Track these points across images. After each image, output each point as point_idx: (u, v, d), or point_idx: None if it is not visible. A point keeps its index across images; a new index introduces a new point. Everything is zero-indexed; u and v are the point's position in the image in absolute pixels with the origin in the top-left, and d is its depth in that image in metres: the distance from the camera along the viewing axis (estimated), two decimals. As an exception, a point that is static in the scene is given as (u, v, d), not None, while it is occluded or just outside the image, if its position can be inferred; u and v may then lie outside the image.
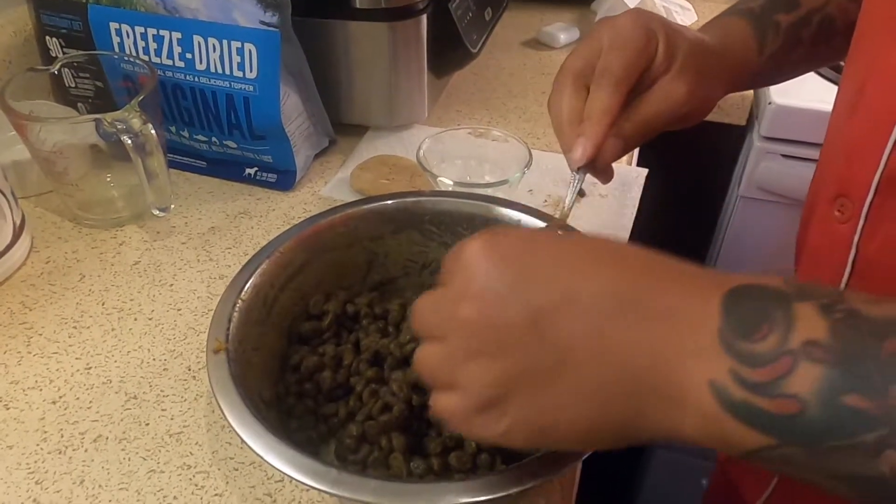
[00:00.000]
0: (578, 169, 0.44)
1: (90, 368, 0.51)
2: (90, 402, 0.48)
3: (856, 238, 0.38)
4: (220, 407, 0.37)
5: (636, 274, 0.27)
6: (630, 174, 0.70)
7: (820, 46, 0.50)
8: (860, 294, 0.25)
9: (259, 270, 0.45)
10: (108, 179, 0.66)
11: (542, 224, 0.49)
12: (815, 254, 0.43)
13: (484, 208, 0.50)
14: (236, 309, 0.43)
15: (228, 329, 0.41)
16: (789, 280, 0.26)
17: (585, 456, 0.34)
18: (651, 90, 0.43)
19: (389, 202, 0.51)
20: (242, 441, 0.35)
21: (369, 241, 0.51)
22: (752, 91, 0.91)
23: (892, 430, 0.22)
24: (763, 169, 0.92)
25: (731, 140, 0.96)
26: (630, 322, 0.26)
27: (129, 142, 0.55)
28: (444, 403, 0.30)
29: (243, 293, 0.44)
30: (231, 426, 0.36)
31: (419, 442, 0.41)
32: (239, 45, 0.62)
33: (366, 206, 0.50)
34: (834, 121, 0.44)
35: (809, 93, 0.85)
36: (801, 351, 0.24)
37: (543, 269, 0.27)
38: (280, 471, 0.34)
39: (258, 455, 0.35)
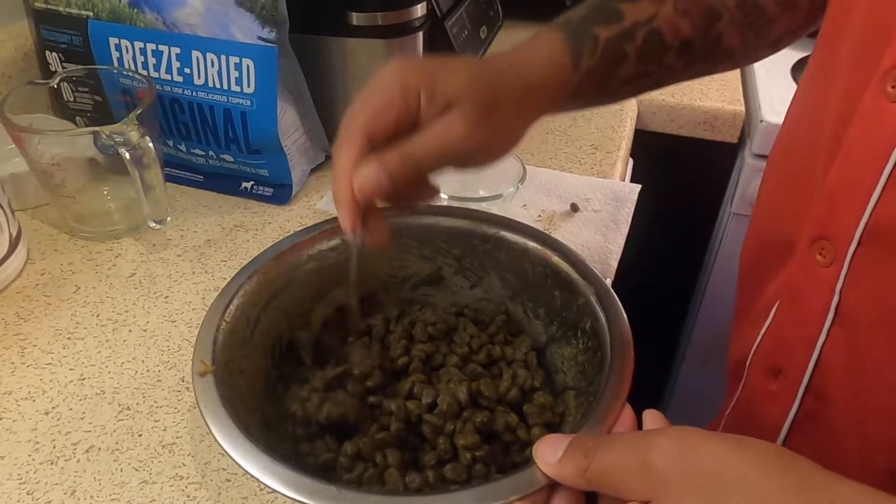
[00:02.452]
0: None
1: (84, 379, 0.51)
2: (83, 412, 0.48)
3: (839, 284, 0.38)
4: (211, 432, 0.36)
5: None
6: (623, 190, 0.71)
7: (651, 64, 0.47)
8: None
9: (241, 291, 0.45)
10: (105, 192, 0.66)
11: (520, 239, 0.49)
12: (795, 294, 0.42)
13: (465, 222, 0.51)
14: (220, 331, 0.42)
15: (214, 351, 0.41)
16: None
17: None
18: (424, 128, 0.39)
19: None
20: (240, 467, 0.35)
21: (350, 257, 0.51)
22: (743, 109, 0.92)
23: None
24: (755, 186, 0.92)
25: (723, 157, 0.98)
26: None
27: (127, 154, 0.56)
28: None
29: (227, 314, 0.43)
30: (225, 451, 0.35)
31: (413, 456, 0.41)
32: (237, 60, 0.63)
33: None
34: (805, 154, 0.43)
35: (800, 111, 0.86)
36: None
37: None
38: (279, 492, 0.34)
39: (255, 478, 0.34)
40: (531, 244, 0.49)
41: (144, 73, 0.65)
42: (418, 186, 0.43)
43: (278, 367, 0.47)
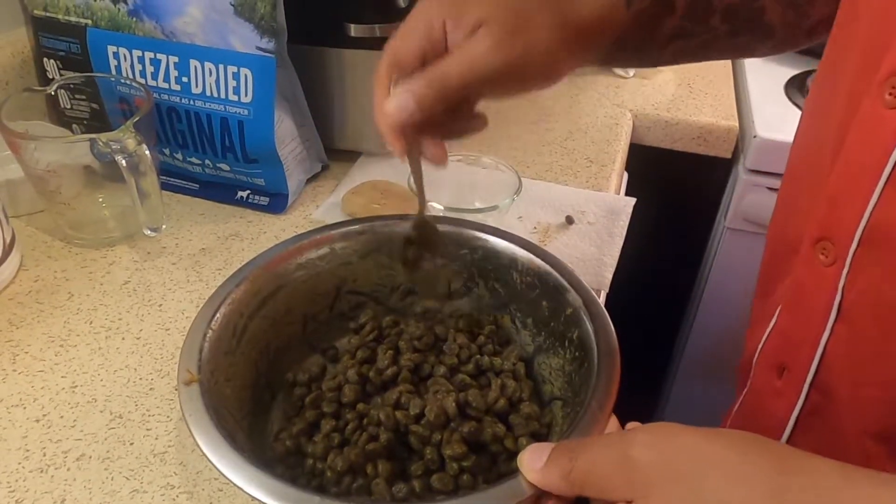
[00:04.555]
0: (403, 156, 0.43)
1: (76, 387, 0.50)
2: (74, 420, 0.48)
3: (841, 283, 0.39)
4: (195, 441, 0.36)
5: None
6: (618, 203, 0.71)
7: (696, 23, 0.47)
8: None
9: (228, 299, 0.45)
10: (101, 200, 0.66)
11: (508, 248, 0.49)
12: (801, 294, 0.43)
13: (453, 231, 0.51)
14: (206, 339, 0.42)
15: (200, 360, 0.41)
16: None
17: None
18: (450, 51, 0.40)
19: (356, 226, 0.51)
20: (224, 476, 0.35)
21: (337, 266, 0.50)
22: (737, 125, 0.93)
23: None
24: (749, 201, 0.93)
25: (717, 172, 0.98)
26: None
27: (124, 162, 0.56)
28: None
29: (213, 323, 0.43)
30: (209, 460, 0.36)
31: (400, 466, 0.41)
32: (235, 69, 0.63)
33: (333, 231, 0.50)
34: (811, 159, 0.45)
35: (794, 127, 0.87)
36: None
37: None
38: (263, 502, 0.34)
39: (239, 487, 0.34)
40: (519, 254, 0.49)
41: (142, 81, 0.65)
42: (463, 116, 0.43)
43: (265, 375, 0.47)
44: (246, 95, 0.63)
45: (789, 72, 1.00)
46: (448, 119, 0.43)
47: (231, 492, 0.44)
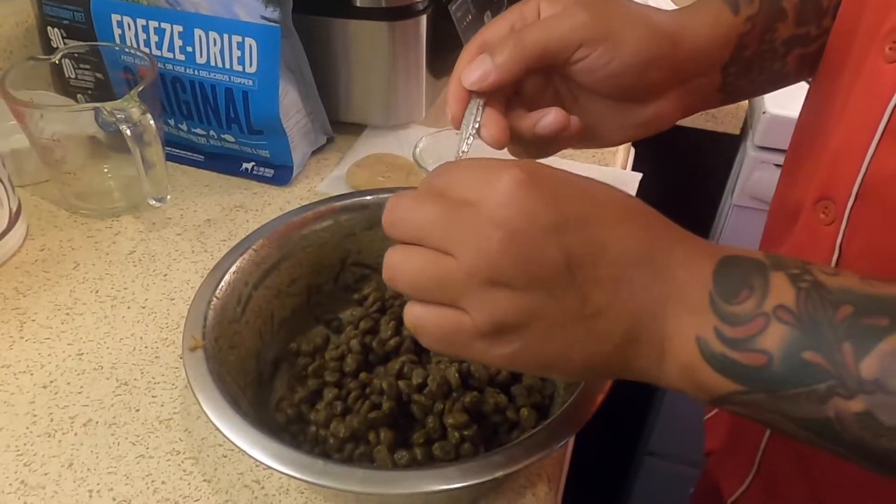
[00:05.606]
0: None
1: (82, 354, 0.51)
2: (81, 387, 0.49)
3: (839, 240, 0.39)
4: (199, 404, 0.37)
5: (655, 235, 0.31)
6: (624, 178, 0.71)
7: (810, 25, 0.46)
8: (823, 267, 0.30)
9: (233, 268, 0.45)
10: (106, 170, 0.66)
11: None
12: (800, 253, 0.43)
13: None
14: (211, 307, 0.43)
15: (204, 327, 0.41)
16: (768, 254, 0.30)
17: (563, 444, 0.35)
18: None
19: (361, 198, 0.51)
20: (226, 438, 0.36)
21: (342, 238, 0.51)
22: (746, 101, 0.92)
23: (839, 382, 0.27)
24: (756, 178, 0.92)
25: (724, 149, 0.97)
26: (644, 278, 0.29)
27: (128, 131, 0.56)
28: (436, 321, 0.29)
29: (218, 291, 0.44)
30: (212, 423, 0.36)
31: (402, 434, 0.42)
32: (239, 39, 0.62)
33: (338, 203, 0.50)
34: (816, 123, 0.45)
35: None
36: (772, 314, 0.28)
37: (582, 217, 0.29)
38: (266, 465, 0.34)
39: (242, 450, 0.35)
40: None
41: (146, 50, 0.65)
42: (543, 100, 0.42)
43: (269, 345, 0.47)
44: (251, 66, 0.63)
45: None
46: (526, 101, 0.41)
47: (235, 458, 0.44)
